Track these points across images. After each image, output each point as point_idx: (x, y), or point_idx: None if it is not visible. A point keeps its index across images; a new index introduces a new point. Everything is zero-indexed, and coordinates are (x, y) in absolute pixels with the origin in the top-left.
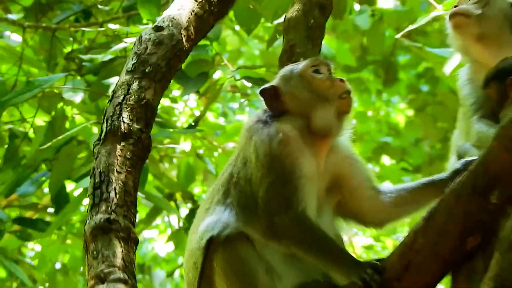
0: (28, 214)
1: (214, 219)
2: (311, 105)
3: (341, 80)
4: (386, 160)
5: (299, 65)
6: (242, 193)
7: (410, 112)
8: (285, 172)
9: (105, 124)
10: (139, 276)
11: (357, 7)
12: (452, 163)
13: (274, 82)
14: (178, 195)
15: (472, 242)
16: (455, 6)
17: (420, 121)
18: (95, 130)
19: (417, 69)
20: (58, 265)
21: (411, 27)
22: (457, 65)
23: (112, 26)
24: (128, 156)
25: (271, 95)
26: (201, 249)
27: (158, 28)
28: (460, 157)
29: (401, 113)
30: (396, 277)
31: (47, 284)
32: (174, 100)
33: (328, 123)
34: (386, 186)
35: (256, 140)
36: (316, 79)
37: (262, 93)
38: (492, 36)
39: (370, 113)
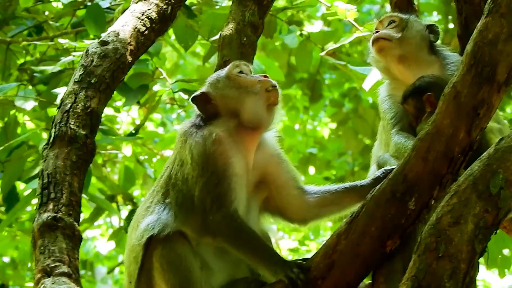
0: None
1: (154, 218)
2: (241, 100)
3: (265, 76)
4: (311, 171)
5: (223, 70)
6: (179, 193)
7: (333, 126)
8: (219, 170)
9: (53, 130)
10: (82, 272)
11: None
12: (373, 172)
13: (203, 89)
14: (119, 197)
15: (391, 245)
16: (376, 31)
17: (342, 134)
18: (44, 135)
19: (342, 88)
20: (7, 259)
21: (335, 45)
22: (376, 82)
23: (61, 40)
24: (74, 160)
25: (202, 100)
26: (141, 245)
27: (103, 43)
28: (380, 166)
29: (325, 126)
30: (321, 276)
31: None
32: (117, 110)
33: (258, 114)
34: (311, 187)
35: (191, 142)
36: (242, 77)
37: (194, 100)
38: (411, 57)
39: (297, 126)
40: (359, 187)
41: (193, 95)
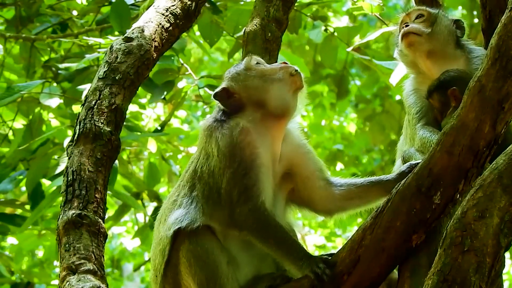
0: (7, 210)
1: (182, 212)
2: (266, 89)
3: (285, 63)
4: (339, 167)
5: (240, 64)
6: (206, 186)
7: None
8: (246, 161)
9: (78, 127)
10: (108, 270)
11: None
12: (398, 166)
13: (223, 84)
14: (144, 194)
15: (416, 239)
16: (405, 25)
17: (369, 129)
18: (69, 132)
19: (371, 90)
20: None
21: (361, 40)
22: (402, 77)
23: (86, 37)
24: (98, 157)
25: (224, 96)
26: (169, 238)
27: (128, 39)
28: (405, 161)
29: (352, 121)
30: (347, 271)
31: (23, 276)
32: (142, 107)
33: (285, 100)
34: (337, 179)
35: (217, 135)
36: (263, 67)
37: (216, 96)
38: (439, 52)
39: (323, 122)
40: (384, 182)
41: (214, 92)
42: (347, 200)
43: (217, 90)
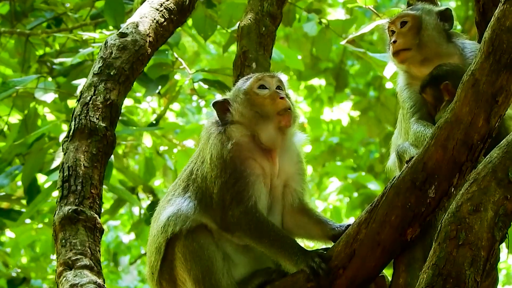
0: (3, 205)
1: (174, 209)
2: (254, 120)
3: (282, 98)
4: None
5: (247, 81)
6: (199, 189)
7: (355, 114)
8: (236, 172)
9: (73, 123)
10: (105, 263)
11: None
12: (392, 160)
13: (227, 95)
14: (139, 189)
15: (411, 233)
16: (392, 32)
17: (365, 122)
18: (65, 127)
19: (366, 78)
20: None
21: (355, 33)
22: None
23: (80, 32)
24: (94, 152)
25: (222, 108)
26: (165, 239)
27: (122, 35)
28: (399, 155)
29: (345, 114)
30: (342, 265)
31: (19, 270)
32: (137, 101)
33: (270, 138)
34: (308, 206)
35: (211, 143)
36: (259, 96)
37: (214, 105)
38: (433, 56)
39: (322, 116)
40: (325, 225)
41: (214, 101)
42: (298, 227)
43: (218, 99)
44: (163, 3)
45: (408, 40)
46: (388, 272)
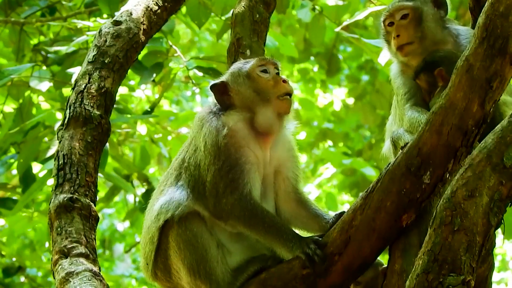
0: None
1: (167, 198)
2: (254, 103)
3: (284, 81)
4: (328, 145)
5: (248, 64)
6: (192, 177)
7: (351, 100)
8: (231, 160)
9: (68, 111)
10: (100, 251)
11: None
12: (387, 147)
13: (223, 77)
14: (134, 176)
15: (407, 219)
16: (390, 24)
17: (360, 108)
18: (59, 115)
19: (358, 61)
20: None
21: (349, 20)
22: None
23: (75, 20)
24: (89, 140)
25: (220, 90)
26: (158, 227)
27: (116, 23)
28: (394, 141)
29: (338, 98)
30: (337, 252)
31: (14, 259)
32: (132, 89)
33: (268, 122)
34: (304, 195)
35: (205, 131)
36: (261, 78)
37: (212, 88)
38: (431, 45)
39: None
40: (321, 219)
41: (212, 83)
42: (294, 218)
43: (215, 81)
44: None
45: (410, 34)
46: (383, 258)
